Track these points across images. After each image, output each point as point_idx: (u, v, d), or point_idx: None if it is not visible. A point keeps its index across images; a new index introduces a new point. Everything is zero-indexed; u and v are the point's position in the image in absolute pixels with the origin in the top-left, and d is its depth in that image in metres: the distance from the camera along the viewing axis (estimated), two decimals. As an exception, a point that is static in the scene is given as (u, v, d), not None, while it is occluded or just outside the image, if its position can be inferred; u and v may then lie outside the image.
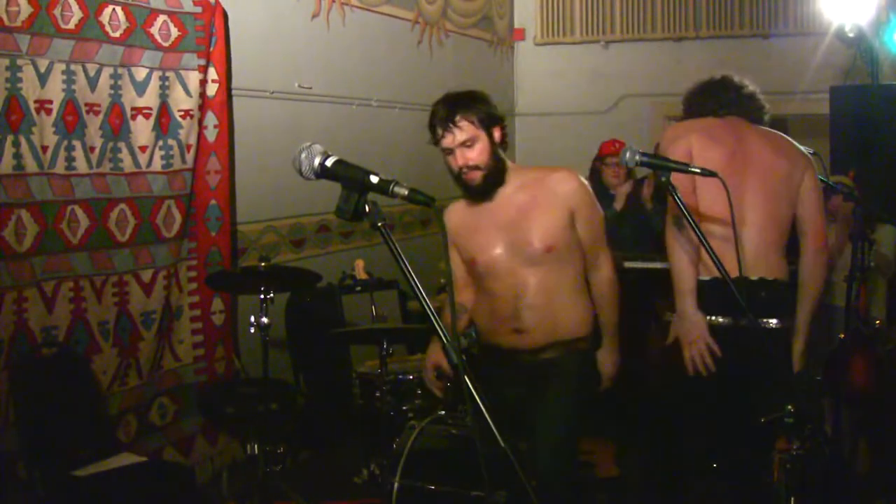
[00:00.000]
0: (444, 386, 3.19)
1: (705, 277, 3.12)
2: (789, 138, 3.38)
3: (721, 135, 3.17)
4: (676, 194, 2.59)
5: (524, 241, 2.94)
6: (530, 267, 2.94)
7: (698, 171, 2.60)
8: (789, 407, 3.11)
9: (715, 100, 3.30)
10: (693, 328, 3.08)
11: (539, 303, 2.94)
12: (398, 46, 5.94)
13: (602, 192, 5.60)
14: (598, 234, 3.08)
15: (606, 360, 3.18)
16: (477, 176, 2.91)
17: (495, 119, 2.93)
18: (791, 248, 3.22)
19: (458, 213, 3.08)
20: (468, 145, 2.87)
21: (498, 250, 2.96)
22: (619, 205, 5.42)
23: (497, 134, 2.93)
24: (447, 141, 2.88)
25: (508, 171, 2.99)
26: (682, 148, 3.14)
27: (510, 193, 2.98)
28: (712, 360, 3.08)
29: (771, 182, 3.14)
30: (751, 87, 3.35)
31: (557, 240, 2.93)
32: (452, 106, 2.88)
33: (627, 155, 2.66)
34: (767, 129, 3.36)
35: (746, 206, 3.06)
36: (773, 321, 3.09)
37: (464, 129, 2.86)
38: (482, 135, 2.88)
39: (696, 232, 2.53)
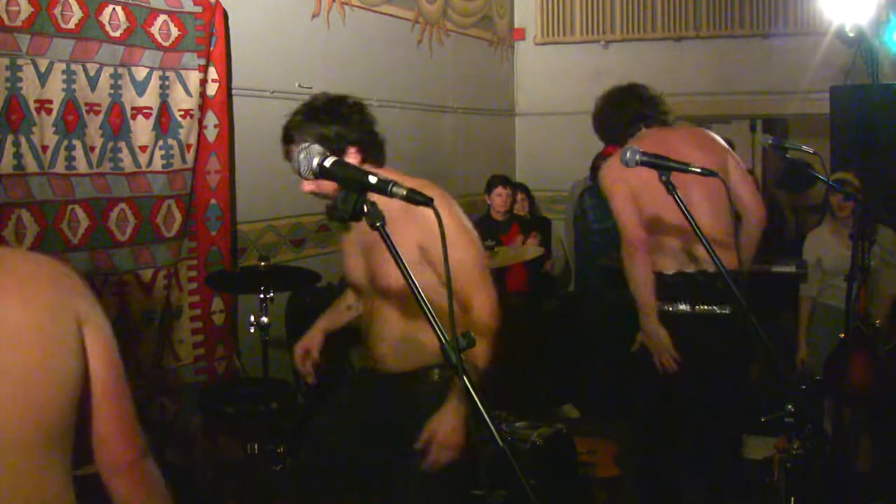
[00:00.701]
0: (312, 371, 3.06)
1: (669, 272, 3.38)
2: (703, 129, 3.58)
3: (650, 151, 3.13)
4: (676, 194, 2.60)
5: (375, 273, 2.67)
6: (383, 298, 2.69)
7: (698, 170, 2.64)
8: (789, 407, 3.13)
9: (629, 118, 3.47)
10: (659, 344, 3.37)
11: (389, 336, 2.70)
12: (398, 46, 5.94)
13: (602, 194, 5.61)
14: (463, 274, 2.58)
15: (438, 423, 2.52)
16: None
17: (345, 140, 2.66)
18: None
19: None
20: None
21: (357, 275, 2.77)
22: None
23: (354, 155, 2.65)
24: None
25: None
26: (623, 191, 3.39)
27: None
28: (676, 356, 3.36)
29: (707, 180, 3.02)
30: (653, 90, 3.48)
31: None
32: (295, 123, 2.68)
33: (627, 154, 2.67)
34: (685, 127, 3.56)
35: (694, 208, 2.93)
36: (728, 308, 3.31)
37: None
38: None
39: (693, 227, 2.53)
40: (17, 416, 1.43)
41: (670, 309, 3.38)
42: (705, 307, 3.34)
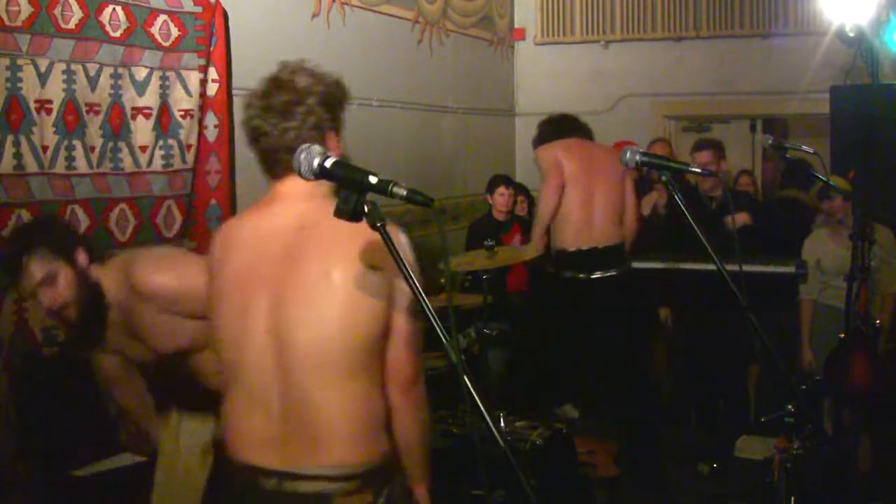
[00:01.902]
0: None
1: (571, 249, 4.80)
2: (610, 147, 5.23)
3: (575, 150, 4.87)
4: (677, 194, 2.61)
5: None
6: None
7: (698, 170, 2.72)
8: (789, 407, 3.14)
9: (562, 128, 4.95)
10: None
11: None
12: (398, 46, 5.94)
13: None
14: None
15: None
16: (71, 314, 2.63)
17: (73, 240, 2.65)
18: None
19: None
20: (48, 283, 2.58)
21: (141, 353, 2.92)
22: (646, 211, 5.44)
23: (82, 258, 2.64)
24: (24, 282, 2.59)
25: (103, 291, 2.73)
26: (552, 156, 4.84)
27: (118, 306, 2.78)
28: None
29: (610, 180, 4.83)
30: (581, 119, 5.09)
31: None
32: (16, 246, 2.59)
33: (627, 155, 2.67)
34: (599, 144, 5.17)
35: (596, 198, 4.81)
36: (614, 271, 4.80)
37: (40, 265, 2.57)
38: (61, 265, 2.59)
39: (689, 222, 2.54)
40: (338, 350, 1.98)
41: (572, 275, 4.78)
42: (598, 273, 4.77)
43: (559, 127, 4.98)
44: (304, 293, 1.99)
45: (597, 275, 4.75)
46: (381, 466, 2.04)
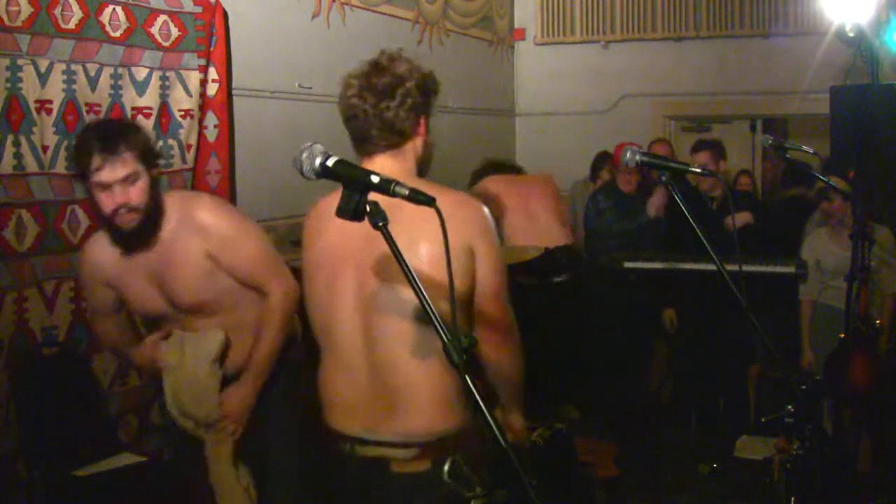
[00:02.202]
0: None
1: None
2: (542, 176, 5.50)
3: (512, 182, 5.15)
4: (677, 194, 2.61)
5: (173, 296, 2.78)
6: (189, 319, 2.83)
7: (699, 171, 2.74)
8: (789, 407, 3.14)
9: (500, 168, 5.30)
10: None
11: None
12: (398, 46, 5.93)
13: (620, 195, 5.61)
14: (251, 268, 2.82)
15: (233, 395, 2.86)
16: (133, 219, 2.59)
17: (157, 156, 2.68)
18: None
19: (104, 254, 2.78)
20: (131, 181, 2.56)
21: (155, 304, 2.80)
22: (653, 213, 5.44)
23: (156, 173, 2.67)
24: (102, 176, 2.52)
25: (165, 212, 2.70)
26: (482, 187, 5.05)
27: (166, 239, 2.71)
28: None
29: (541, 198, 5.09)
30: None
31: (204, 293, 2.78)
32: (113, 133, 2.57)
33: (627, 154, 2.68)
34: (530, 175, 5.58)
35: (531, 210, 5.00)
36: (563, 277, 4.98)
37: (127, 163, 2.53)
38: (143, 172, 2.59)
39: (692, 225, 2.54)
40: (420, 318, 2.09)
41: (526, 281, 4.75)
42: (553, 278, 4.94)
43: (492, 168, 5.35)
44: (389, 268, 2.07)
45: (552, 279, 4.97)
46: (447, 438, 2.15)
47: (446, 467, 2.11)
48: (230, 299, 2.79)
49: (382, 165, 2.19)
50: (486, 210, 2.23)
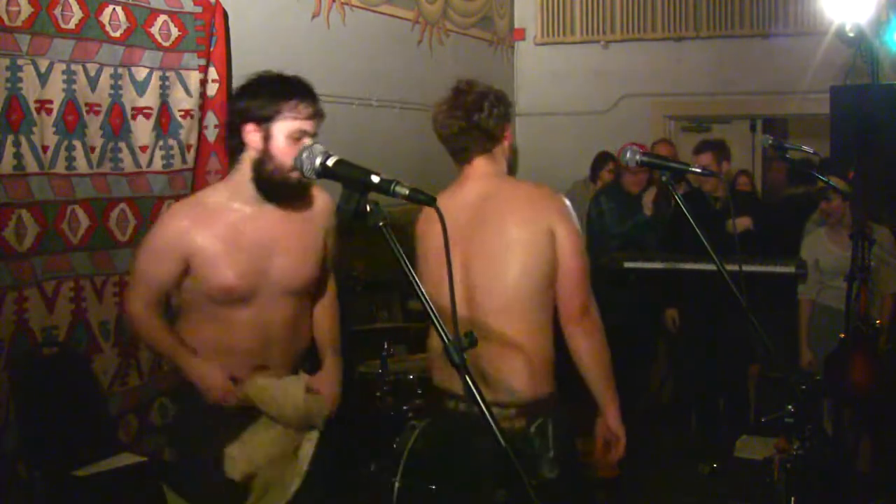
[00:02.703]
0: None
1: None
2: None
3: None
4: (677, 194, 2.61)
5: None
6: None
7: (699, 171, 2.74)
8: (789, 407, 3.14)
9: None
10: None
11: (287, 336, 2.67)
12: (398, 46, 5.93)
13: (622, 196, 5.61)
14: (335, 259, 2.82)
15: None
16: (298, 176, 2.34)
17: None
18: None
19: (207, 220, 2.53)
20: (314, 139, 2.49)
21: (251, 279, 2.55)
22: (648, 210, 5.44)
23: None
24: (307, 125, 2.48)
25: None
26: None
27: (302, 207, 2.60)
28: None
29: None
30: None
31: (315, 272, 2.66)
32: (312, 89, 2.56)
33: (628, 154, 2.68)
34: None
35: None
36: None
37: (319, 122, 2.52)
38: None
39: (693, 227, 2.54)
40: (513, 293, 2.49)
41: None
42: None
43: None
44: (486, 250, 2.53)
45: None
46: (540, 402, 2.51)
47: (533, 428, 2.49)
48: (312, 287, 2.72)
49: (480, 168, 2.64)
50: (565, 199, 2.60)
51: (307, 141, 2.43)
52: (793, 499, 3.47)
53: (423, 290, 1.71)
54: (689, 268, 4.88)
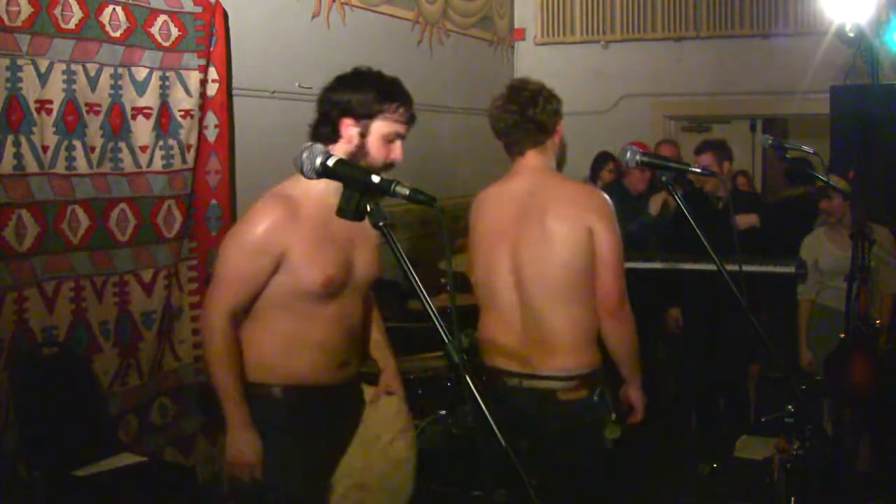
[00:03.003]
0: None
1: None
2: None
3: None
4: (677, 194, 2.61)
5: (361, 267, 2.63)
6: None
7: (699, 171, 2.79)
8: (789, 407, 3.16)
9: None
10: None
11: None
12: (398, 46, 5.93)
13: (624, 197, 5.61)
14: None
15: None
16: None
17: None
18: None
19: (303, 217, 2.52)
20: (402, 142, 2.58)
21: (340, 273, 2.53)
22: (655, 211, 5.44)
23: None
24: (402, 128, 2.58)
25: None
26: None
27: None
28: None
29: None
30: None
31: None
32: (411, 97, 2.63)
33: (628, 154, 2.68)
34: None
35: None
36: None
37: (410, 127, 2.61)
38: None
39: (694, 227, 2.54)
40: (559, 281, 2.74)
41: None
42: None
43: None
44: (533, 241, 2.78)
45: None
46: (593, 372, 2.78)
47: (595, 396, 2.76)
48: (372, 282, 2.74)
49: (532, 160, 2.87)
50: (606, 197, 2.82)
51: (398, 144, 2.55)
52: (793, 499, 3.47)
53: (423, 290, 1.71)
54: (689, 268, 4.88)
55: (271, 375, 2.50)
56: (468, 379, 1.66)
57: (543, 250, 2.76)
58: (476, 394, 1.66)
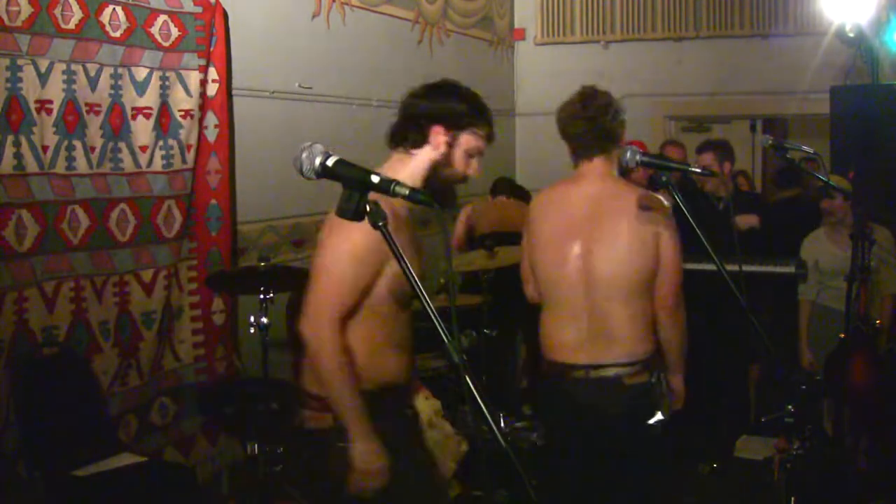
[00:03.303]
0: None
1: None
2: None
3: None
4: (677, 194, 2.61)
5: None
6: None
7: (699, 170, 2.78)
8: (789, 407, 3.18)
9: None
10: None
11: None
12: (398, 46, 5.93)
13: None
14: None
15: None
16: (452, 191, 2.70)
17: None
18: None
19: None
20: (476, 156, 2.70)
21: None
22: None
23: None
24: (484, 146, 2.71)
25: None
26: None
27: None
28: None
29: None
30: None
31: None
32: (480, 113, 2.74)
33: (628, 155, 2.68)
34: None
35: None
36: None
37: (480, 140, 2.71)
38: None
39: (694, 227, 2.54)
40: (626, 280, 2.99)
41: None
42: None
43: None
44: (603, 242, 3.00)
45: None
46: (651, 358, 3.03)
47: (654, 379, 3.02)
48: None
49: (598, 167, 3.06)
50: (668, 204, 3.01)
51: (476, 160, 2.66)
52: (793, 499, 3.48)
53: (422, 290, 1.71)
54: (689, 268, 4.87)
55: (362, 380, 2.48)
56: (468, 379, 1.66)
57: (613, 251, 2.99)
58: (476, 394, 1.66)
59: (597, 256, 3.00)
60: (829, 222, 4.77)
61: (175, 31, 4.03)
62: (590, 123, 3.01)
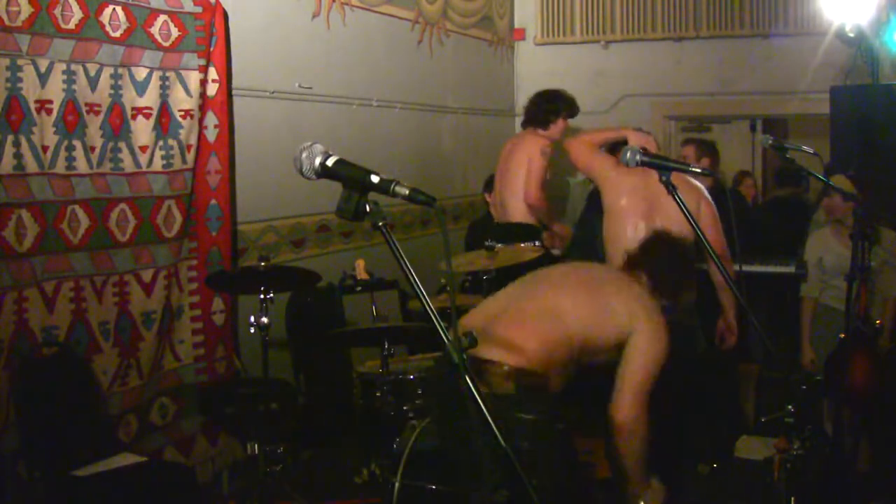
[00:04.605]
0: None
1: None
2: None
3: None
4: (677, 195, 2.61)
5: None
6: None
7: (699, 170, 2.73)
8: (789, 407, 3.15)
9: None
10: None
11: None
12: (398, 46, 5.94)
13: None
14: None
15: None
16: None
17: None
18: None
19: None
20: None
21: None
22: None
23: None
24: None
25: None
26: None
27: None
28: None
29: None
30: None
31: None
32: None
33: (628, 154, 2.68)
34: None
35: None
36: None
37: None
38: None
39: (696, 230, 2.55)
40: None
41: None
42: None
43: None
44: (662, 216, 3.90)
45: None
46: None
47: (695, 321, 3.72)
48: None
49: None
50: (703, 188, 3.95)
51: None
52: (793, 499, 3.47)
53: (422, 290, 1.71)
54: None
55: None
56: (468, 379, 1.66)
57: (668, 223, 3.75)
58: (476, 394, 1.66)
59: (655, 225, 3.85)
60: (832, 220, 4.76)
61: (175, 31, 4.03)
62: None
